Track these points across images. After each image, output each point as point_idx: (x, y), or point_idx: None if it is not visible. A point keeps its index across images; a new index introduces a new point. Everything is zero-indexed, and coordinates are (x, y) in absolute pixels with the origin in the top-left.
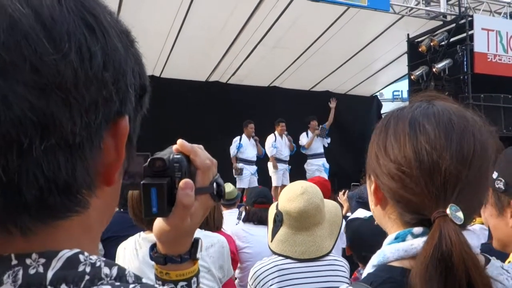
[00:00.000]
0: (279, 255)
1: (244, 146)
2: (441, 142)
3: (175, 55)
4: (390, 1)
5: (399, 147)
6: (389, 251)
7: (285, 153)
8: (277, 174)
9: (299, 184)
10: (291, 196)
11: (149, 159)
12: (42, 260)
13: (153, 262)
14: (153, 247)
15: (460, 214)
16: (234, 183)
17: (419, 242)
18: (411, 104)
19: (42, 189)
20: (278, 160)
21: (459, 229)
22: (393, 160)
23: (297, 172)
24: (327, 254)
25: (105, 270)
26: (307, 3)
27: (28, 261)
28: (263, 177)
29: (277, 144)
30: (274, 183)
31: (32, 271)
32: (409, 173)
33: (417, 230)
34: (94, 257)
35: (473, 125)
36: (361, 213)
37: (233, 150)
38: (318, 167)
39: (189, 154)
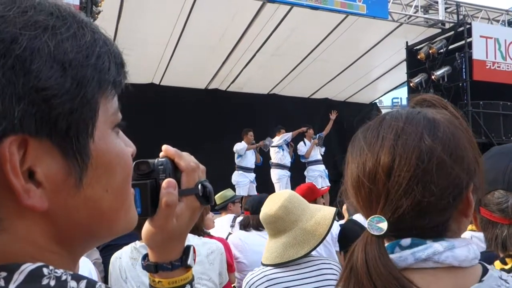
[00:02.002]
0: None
1: (244, 153)
2: (365, 158)
3: (174, 63)
4: (388, 9)
5: (346, 164)
6: None
7: (289, 159)
8: (282, 182)
9: (275, 193)
10: (263, 205)
11: (133, 163)
12: (4, 274)
13: None
14: (145, 256)
15: (382, 225)
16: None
17: (408, 254)
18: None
19: None
20: (282, 166)
21: (373, 239)
22: (346, 177)
23: (301, 179)
24: (291, 261)
25: (72, 284)
26: (306, 11)
27: None
28: (262, 184)
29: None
30: (278, 190)
31: None
32: (350, 191)
33: (405, 241)
34: (60, 271)
35: (409, 132)
36: (357, 216)
37: (241, 148)
38: (320, 173)
39: (173, 157)
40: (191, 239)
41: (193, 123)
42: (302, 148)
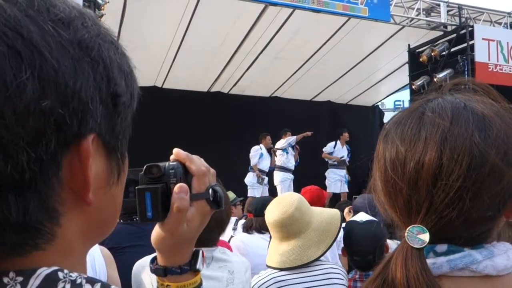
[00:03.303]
0: (268, 266)
1: (263, 156)
2: (402, 157)
3: (177, 66)
4: (390, 12)
5: (378, 160)
6: None
7: (292, 163)
8: (284, 184)
9: (280, 196)
10: (269, 208)
11: (145, 167)
12: (20, 279)
13: None
14: (153, 260)
15: (423, 236)
16: (239, 193)
17: (443, 261)
18: (409, 106)
19: None
20: (285, 169)
21: (414, 252)
22: (375, 175)
23: (307, 182)
24: (310, 262)
25: (87, 287)
26: (307, 14)
27: (5, 279)
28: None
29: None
30: (280, 193)
31: None
32: (382, 190)
33: (441, 247)
34: (74, 274)
35: (457, 134)
36: (360, 216)
37: (255, 159)
38: (340, 177)
39: (184, 161)
40: (229, 253)
41: (195, 126)
42: (329, 148)
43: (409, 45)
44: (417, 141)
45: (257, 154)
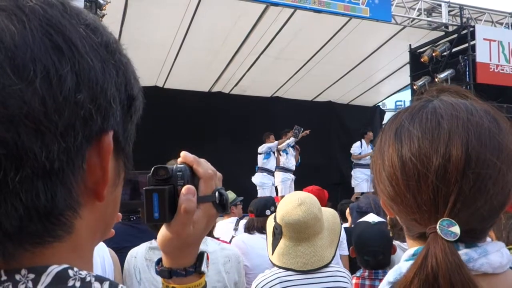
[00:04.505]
0: (281, 267)
1: (270, 156)
2: (426, 150)
3: (178, 66)
4: (392, 12)
5: (387, 158)
6: (405, 268)
7: (293, 163)
8: (284, 184)
9: (296, 195)
10: (289, 208)
11: (152, 168)
12: (32, 276)
13: None
14: (158, 261)
15: (455, 229)
16: (240, 193)
17: None
18: (410, 105)
19: (22, 217)
20: (286, 169)
21: (450, 246)
22: (385, 171)
23: (310, 182)
24: (328, 263)
25: (96, 285)
26: (309, 14)
27: (17, 276)
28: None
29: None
30: (280, 193)
31: (21, 287)
32: (397, 186)
33: None
34: (84, 272)
35: (476, 124)
36: (370, 217)
37: (272, 146)
38: (367, 176)
39: (192, 164)
40: (210, 243)
41: (196, 126)
42: (356, 148)
43: (410, 45)
44: (439, 133)
45: (267, 147)
